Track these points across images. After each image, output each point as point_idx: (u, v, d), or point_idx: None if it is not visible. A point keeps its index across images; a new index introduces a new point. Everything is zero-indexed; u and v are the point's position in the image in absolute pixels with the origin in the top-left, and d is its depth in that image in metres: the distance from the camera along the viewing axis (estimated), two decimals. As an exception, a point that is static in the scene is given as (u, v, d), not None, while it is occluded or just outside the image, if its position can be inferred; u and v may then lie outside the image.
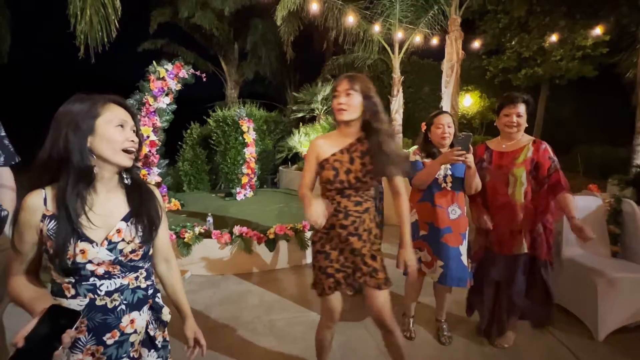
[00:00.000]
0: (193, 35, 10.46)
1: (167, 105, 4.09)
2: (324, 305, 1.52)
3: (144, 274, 0.96)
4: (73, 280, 0.85)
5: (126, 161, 0.89)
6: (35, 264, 0.89)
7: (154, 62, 4.01)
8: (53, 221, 0.82)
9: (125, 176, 0.95)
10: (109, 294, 0.87)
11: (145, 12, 9.85)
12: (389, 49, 7.25)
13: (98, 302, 0.86)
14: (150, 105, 3.94)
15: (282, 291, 2.84)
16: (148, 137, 3.96)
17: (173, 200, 4.32)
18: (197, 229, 3.16)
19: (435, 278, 1.91)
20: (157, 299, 1.02)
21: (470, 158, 1.68)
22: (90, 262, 0.84)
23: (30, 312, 0.80)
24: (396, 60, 7.21)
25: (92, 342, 0.86)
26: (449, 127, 1.91)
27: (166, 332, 1.07)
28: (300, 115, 8.85)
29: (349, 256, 1.44)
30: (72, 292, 0.85)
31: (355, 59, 8.19)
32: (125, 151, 0.88)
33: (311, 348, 2.00)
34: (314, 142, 1.46)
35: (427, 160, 1.95)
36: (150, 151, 3.98)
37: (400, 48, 7.24)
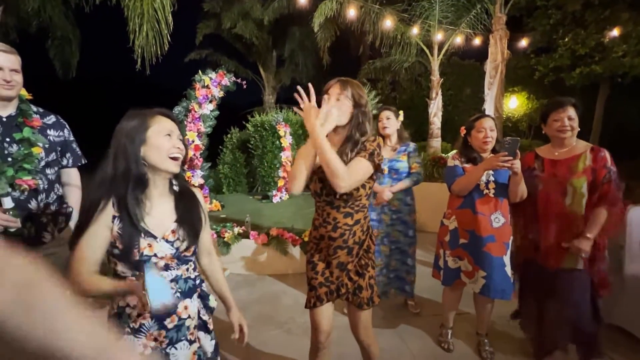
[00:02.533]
0: (234, 44, 10.98)
1: (211, 111, 4.35)
2: (311, 321, 1.44)
3: (193, 265, 1.09)
4: (138, 273, 0.95)
5: (173, 167, 1.00)
6: (98, 264, 0.96)
7: (199, 71, 4.29)
8: (119, 222, 0.94)
9: (174, 183, 1.07)
10: (170, 281, 0.99)
11: (192, 25, 10.55)
12: (427, 50, 7.07)
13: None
14: (195, 111, 4.21)
15: (316, 294, 2.87)
16: (193, 141, 4.22)
17: (214, 201, 4.55)
18: (236, 230, 3.31)
19: (477, 289, 1.82)
20: (203, 287, 1.13)
21: (517, 164, 1.59)
22: (155, 255, 0.97)
23: (125, 290, 0.92)
24: (435, 62, 7.00)
25: (154, 328, 0.97)
26: (491, 131, 1.83)
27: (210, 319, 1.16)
28: (335, 119, 8.87)
29: (334, 270, 1.37)
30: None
31: (392, 62, 8.08)
32: (173, 158, 0.99)
33: (346, 353, 2.01)
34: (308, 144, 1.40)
35: (467, 166, 1.87)
36: (194, 155, 4.25)
37: (440, 49, 7.02)
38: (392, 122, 2.32)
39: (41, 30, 5.94)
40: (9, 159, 1.37)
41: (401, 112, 2.43)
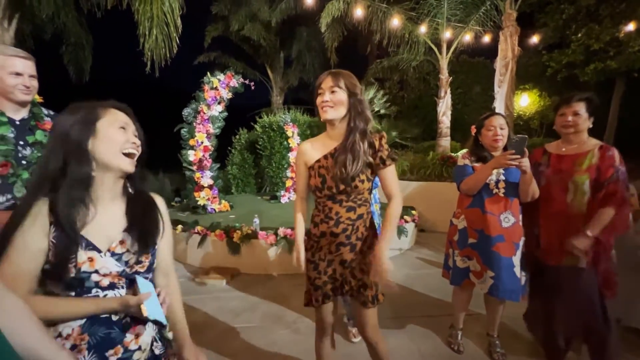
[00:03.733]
0: (242, 46, 11.06)
1: (219, 112, 4.40)
2: (316, 316, 1.47)
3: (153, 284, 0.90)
4: (73, 294, 0.79)
5: (127, 165, 0.85)
6: (35, 282, 0.78)
7: (208, 73, 4.34)
8: (54, 230, 0.77)
9: (129, 185, 0.92)
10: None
11: (201, 28, 10.68)
12: (435, 49, 7.00)
13: (102, 314, 0.79)
14: (204, 113, 4.27)
15: (324, 294, 2.87)
16: (202, 142, 4.28)
17: (223, 201, 4.60)
18: (244, 230, 3.33)
19: (485, 289, 1.79)
20: None
21: (525, 162, 1.57)
22: (96, 272, 0.79)
23: (112, 308, 0.79)
24: (443, 61, 6.93)
25: None
26: (501, 129, 1.80)
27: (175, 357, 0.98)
28: (343, 119, 8.86)
29: (337, 267, 1.35)
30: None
31: (399, 61, 8.03)
32: (126, 155, 0.85)
33: (353, 353, 2.00)
34: (300, 147, 1.40)
35: (477, 165, 1.85)
36: (204, 155, 4.30)
37: (448, 48, 6.95)
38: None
39: (56, 37, 6.11)
40: (23, 162, 1.40)
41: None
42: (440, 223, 4.69)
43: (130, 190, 0.92)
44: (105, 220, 0.84)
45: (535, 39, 7.74)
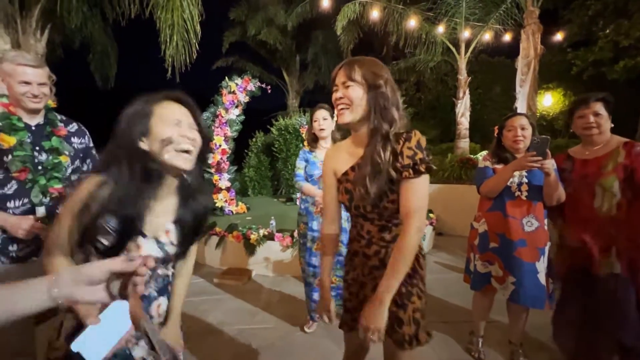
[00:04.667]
0: (259, 50, 11.25)
1: (237, 116, 4.48)
2: (344, 342, 1.25)
3: (172, 264, 0.96)
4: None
5: (182, 163, 0.83)
6: (72, 250, 0.83)
7: (226, 77, 4.44)
8: (113, 216, 0.79)
9: (187, 178, 0.91)
10: (146, 282, 0.87)
11: (219, 34, 10.94)
12: (454, 49, 6.88)
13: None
14: (222, 117, 4.36)
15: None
16: (220, 145, 4.37)
17: (240, 203, 4.67)
18: (261, 231, 3.37)
19: (507, 295, 1.73)
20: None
21: (548, 164, 1.51)
22: (140, 255, 0.83)
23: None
24: (462, 61, 6.79)
25: None
26: (522, 129, 1.74)
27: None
28: (358, 121, 8.83)
29: (369, 294, 1.08)
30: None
31: (416, 62, 7.94)
32: (182, 151, 0.83)
33: (370, 357, 1.98)
34: (327, 153, 1.19)
35: (498, 167, 1.80)
36: (222, 158, 4.39)
37: (467, 47, 6.81)
38: (328, 122, 2.13)
39: (83, 46, 6.41)
40: (39, 168, 1.42)
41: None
42: (459, 226, 4.58)
43: (187, 185, 0.92)
44: (158, 210, 0.86)
45: (559, 37, 7.47)
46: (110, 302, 0.59)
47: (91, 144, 1.64)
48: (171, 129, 0.82)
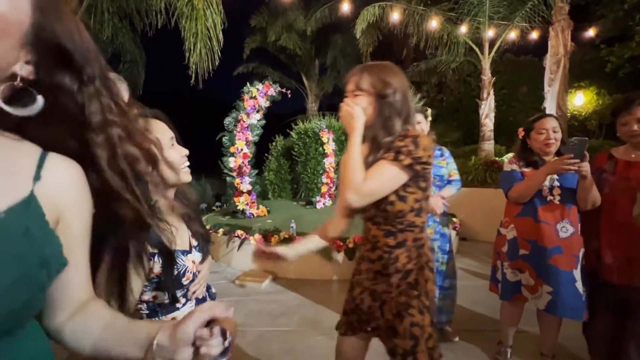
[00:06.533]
0: (279, 56, 11.43)
1: (258, 121, 4.56)
2: (335, 348, 1.23)
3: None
4: (185, 290, 0.90)
5: (188, 176, 0.89)
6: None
7: (247, 83, 4.53)
8: (158, 257, 0.82)
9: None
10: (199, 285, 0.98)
11: (240, 41, 11.22)
12: (477, 49, 6.70)
13: (199, 296, 0.96)
14: (244, 121, 4.45)
15: (361, 302, 2.82)
16: (242, 150, 4.46)
17: (261, 206, 4.73)
18: (282, 234, 3.39)
19: (542, 305, 1.64)
20: None
21: (585, 167, 1.43)
22: (197, 269, 0.92)
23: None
24: (486, 61, 6.59)
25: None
26: (554, 132, 1.66)
27: None
28: (378, 124, 8.76)
29: (367, 298, 1.11)
30: (183, 301, 0.91)
31: (438, 64, 7.79)
32: (182, 167, 0.88)
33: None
34: (343, 159, 1.18)
35: (526, 170, 1.72)
36: (243, 162, 4.47)
37: (491, 47, 6.62)
38: (422, 125, 2.04)
39: (114, 56, 6.76)
40: None
41: (429, 110, 2.13)
42: (484, 232, 4.42)
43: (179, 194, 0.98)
44: (176, 225, 0.90)
45: (591, 33, 7.10)
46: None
47: None
48: (174, 152, 0.85)
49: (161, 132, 0.83)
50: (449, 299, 2.15)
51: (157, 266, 0.81)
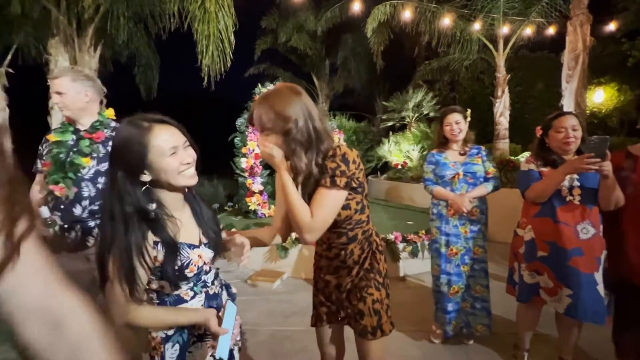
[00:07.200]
0: (289, 56, 11.48)
1: (269, 121, 4.60)
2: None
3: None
4: (192, 284, 0.94)
5: (188, 181, 0.91)
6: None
7: (259, 84, 4.57)
8: (162, 246, 0.88)
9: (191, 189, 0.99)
10: (212, 282, 1.01)
11: (251, 42, 11.32)
12: (491, 46, 6.55)
13: (210, 292, 0.99)
14: (255, 122, 4.49)
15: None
16: (253, 150, 4.49)
17: (272, 206, 4.76)
18: (293, 234, 3.40)
19: (562, 309, 1.59)
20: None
21: (607, 166, 1.38)
22: (205, 263, 0.96)
23: (181, 319, 0.92)
24: (500, 58, 6.45)
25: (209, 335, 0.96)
26: (574, 130, 1.61)
27: None
28: (390, 124, 8.72)
29: (333, 291, 1.23)
30: (191, 294, 0.94)
31: (450, 61, 7.67)
32: (184, 173, 0.90)
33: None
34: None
35: (544, 169, 1.67)
36: (255, 163, 4.51)
37: (506, 43, 6.46)
38: (462, 126, 2.06)
39: (130, 60, 6.93)
40: (65, 166, 1.51)
41: (468, 111, 2.14)
42: (499, 232, 4.31)
43: (190, 193, 1.01)
44: (185, 221, 0.96)
45: (612, 27, 6.85)
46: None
47: None
48: (172, 159, 0.86)
49: (158, 138, 0.86)
50: (488, 301, 2.11)
51: (160, 255, 0.88)
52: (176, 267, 0.89)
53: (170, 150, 0.86)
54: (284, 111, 0.99)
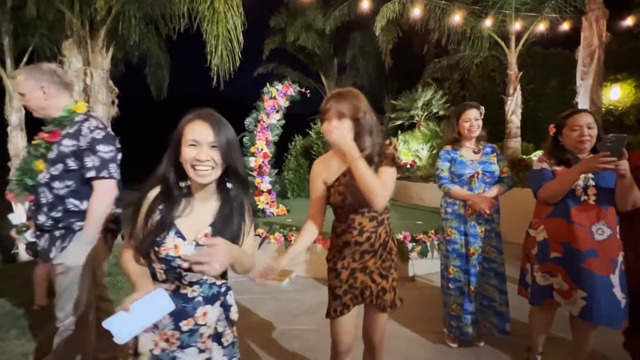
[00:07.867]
0: (298, 56, 11.48)
1: (277, 121, 4.61)
2: (331, 329, 1.41)
3: (221, 273, 1.01)
4: (164, 267, 0.96)
5: (197, 177, 0.94)
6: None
7: (267, 84, 4.59)
8: (158, 214, 0.96)
9: (227, 188, 1.02)
10: (191, 284, 0.97)
11: (260, 42, 11.36)
12: (502, 43, 6.43)
13: (182, 290, 0.97)
14: (264, 122, 4.51)
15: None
16: (262, 149, 4.52)
17: (280, 205, 4.77)
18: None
19: (576, 312, 1.55)
20: (228, 297, 1.07)
21: (623, 165, 1.34)
22: (179, 257, 0.93)
23: (134, 285, 0.95)
24: (512, 55, 6.32)
25: (170, 327, 0.95)
26: (589, 128, 1.57)
27: (234, 329, 1.10)
28: (398, 122, 8.65)
29: (358, 275, 1.35)
30: (164, 277, 0.97)
31: (460, 59, 7.56)
32: (195, 167, 0.93)
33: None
34: (315, 168, 1.41)
35: (558, 169, 1.63)
36: (263, 162, 4.53)
37: (518, 40, 6.33)
38: (479, 122, 2.03)
39: (141, 60, 7.03)
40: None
41: (482, 108, 2.09)
42: (510, 232, 4.24)
43: (227, 193, 1.02)
44: (198, 215, 0.99)
45: (629, 22, 6.64)
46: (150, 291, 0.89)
47: (86, 145, 1.46)
48: (190, 151, 0.94)
49: (191, 129, 0.95)
50: (506, 304, 2.04)
51: (153, 218, 0.96)
52: (151, 240, 0.94)
53: (190, 141, 0.94)
54: (359, 104, 1.25)
